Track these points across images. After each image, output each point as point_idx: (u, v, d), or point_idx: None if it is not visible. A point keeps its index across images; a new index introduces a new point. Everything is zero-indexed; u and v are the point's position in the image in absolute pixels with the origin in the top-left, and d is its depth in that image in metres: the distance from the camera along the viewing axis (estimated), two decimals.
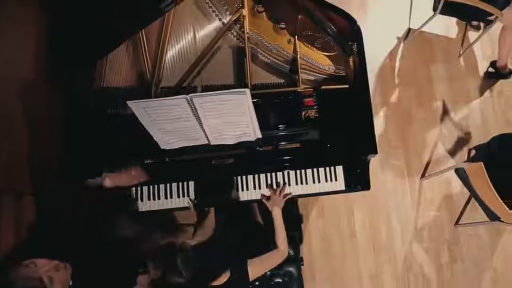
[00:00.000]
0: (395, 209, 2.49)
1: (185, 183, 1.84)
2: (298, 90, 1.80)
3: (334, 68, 1.87)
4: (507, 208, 1.91)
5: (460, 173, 2.17)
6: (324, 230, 2.47)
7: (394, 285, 2.41)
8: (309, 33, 1.91)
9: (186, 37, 1.89)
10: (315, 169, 1.84)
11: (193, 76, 1.88)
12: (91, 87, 1.80)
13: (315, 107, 1.75)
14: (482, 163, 1.87)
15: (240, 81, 1.86)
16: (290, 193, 1.80)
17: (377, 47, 2.69)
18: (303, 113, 1.77)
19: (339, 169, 1.83)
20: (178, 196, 1.87)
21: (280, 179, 1.85)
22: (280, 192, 1.76)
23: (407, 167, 2.54)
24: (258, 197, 1.85)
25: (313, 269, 2.41)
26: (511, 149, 2.12)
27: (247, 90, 1.44)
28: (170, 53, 1.87)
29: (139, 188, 1.83)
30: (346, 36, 1.84)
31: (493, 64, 2.61)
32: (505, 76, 2.61)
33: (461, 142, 2.60)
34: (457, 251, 2.45)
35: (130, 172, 1.71)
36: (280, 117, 1.76)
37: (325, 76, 1.87)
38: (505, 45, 2.41)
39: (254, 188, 1.88)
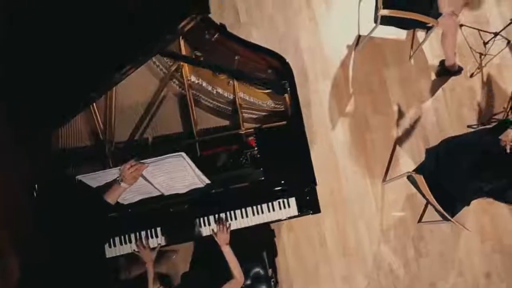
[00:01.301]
0: (360, 214, 2.67)
1: (152, 229, 2.03)
2: (240, 132, 1.96)
3: (273, 104, 2.02)
4: (448, 216, 2.08)
5: (411, 179, 2.32)
6: (296, 240, 2.66)
7: (365, 285, 2.63)
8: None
9: (132, 91, 2.03)
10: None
11: (143, 127, 2.05)
12: (50, 152, 1.98)
13: (257, 146, 1.91)
14: (422, 177, 2.03)
15: (187, 128, 2.02)
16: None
17: (329, 57, 2.80)
18: (248, 154, 1.93)
19: (291, 199, 2.01)
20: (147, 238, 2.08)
21: (238, 214, 2.04)
22: (223, 229, 1.83)
23: (369, 173, 2.70)
24: None
25: (290, 278, 2.63)
26: (457, 152, 2.26)
27: (182, 154, 1.60)
28: (119, 108, 2.02)
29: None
30: (279, 74, 1.97)
31: (442, 63, 2.70)
32: (455, 73, 2.70)
33: (419, 142, 2.73)
34: (422, 246, 2.65)
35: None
36: (226, 161, 1.93)
37: (265, 113, 2.02)
38: (448, 47, 2.50)
39: (215, 222, 2.08)
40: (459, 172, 2.10)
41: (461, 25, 2.78)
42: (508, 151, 1.86)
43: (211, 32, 1.95)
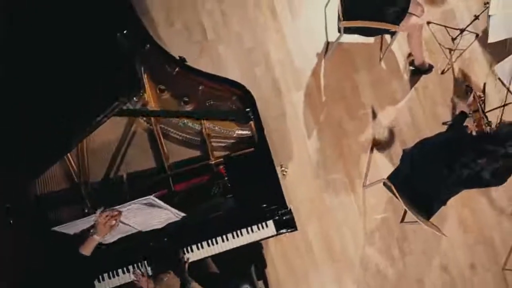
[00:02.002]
0: (344, 219, 2.75)
1: (138, 262, 2.11)
2: (210, 162, 2.02)
3: (240, 130, 2.08)
4: (421, 221, 2.16)
5: (387, 186, 2.39)
6: (283, 250, 2.75)
7: (355, 287, 2.74)
8: (212, 102, 2.08)
9: (102, 130, 2.07)
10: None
11: (117, 165, 2.11)
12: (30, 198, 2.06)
13: (227, 175, 1.98)
14: (392, 186, 2.09)
15: (159, 162, 2.09)
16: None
17: (300, 67, 2.83)
18: (220, 183, 1.99)
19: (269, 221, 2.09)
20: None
21: (219, 240, 2.11)
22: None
23: (349, 179, 2.77)
24: (206, 255, 2.13)
25: None
26: (431, 152, 2.31)
27: (151, 197, 1.67)
28: (90, 150, 2.08)
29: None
30: (243, 101, 2.02)
31: (413, 62, 2.73)
32: (426, 71, 2.74)
33: (395, 143, 2.79)
34: (406, 245, 2.74)
35: None
36: (199, 192, 2.00)
37: (234, 140, 2.08)
38: (414, 47, 2.53)
39: (198, 249, 2.17)
40: (435, 171, 2.18)
41: (428, 22, 2.80)
42: (474, 133, 2.13)
43: (172, 66, 1.99)
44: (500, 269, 2.69)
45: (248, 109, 1.95)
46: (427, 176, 2.24)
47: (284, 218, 2.07)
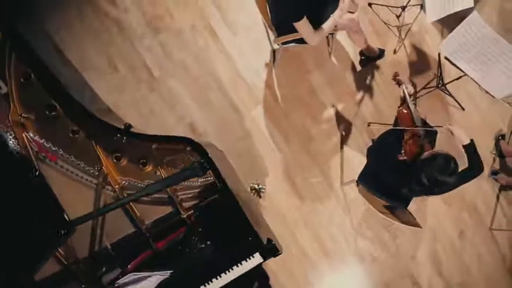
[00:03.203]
0: (330, 219, 2.90)
1: None
2: (182, 216, 2.14)
3: (202, 179, 2.17)
4: (397, 218, 2.30)
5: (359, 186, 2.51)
6: (281, 260, 2.91)
7: (357, 279, 2.94)
8: (169, 158, 2.16)
9: (74, 207, 2.17)
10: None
11: (98, 237, 2.25)
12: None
13: (200, 224, 2.11)
14: (361, 187, 2.22)
15: (136, 225, 2.21)
16: None
17: (252, 82, 2.84)
18: (196, 232, 2.13)
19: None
20: None
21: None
22: None
23: (327, 181, 2.88)
24: None
25: None
26: (383, 152, 2.41)
27: (130, 274, 1.82)
28: None
29: None
30: (197, 152, 2.10)
31: (362, 52, 2.73)
32: (378, 57, 2.75)
33: (363, 135, 2.87)
34: (394, 228, 2.90)
35: None
36: (179, 245, 2.14)
37: (199, 189, 2.18)
38: (358, 42, 2.55)
39: None
40: (390, 166, 2.30)
41: (369, 4, 2.77)
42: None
43: (120, 137, 2.06)
44: (487, 230, 2.87)
45: (202, 160, 2.04)
46: (388, 170, 2.35)
47: (268, 247, 2.22)
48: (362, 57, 2.76)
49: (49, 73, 2.12)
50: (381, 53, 2.74)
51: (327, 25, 2.15)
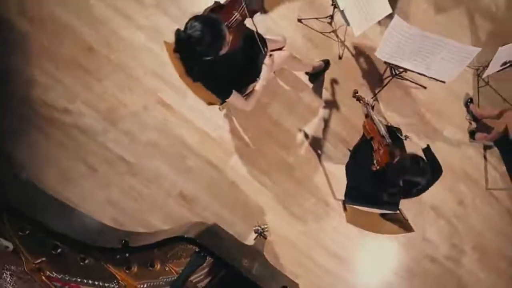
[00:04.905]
0: (336, 232, 3.07)
1: None
2: None
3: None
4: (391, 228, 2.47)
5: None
6: (309, 282, 3.14)
7: (381, 274, 3.13)
8: (170, 253, 2.34)
9: None
10: None
11: None
12: None
13: None
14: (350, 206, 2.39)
15: None
16: None
17: (218, 135, 2.96)
18: None
19: None
20: None
21: None
22: None
23: (320, 200, 3.03)
24: None
25: None
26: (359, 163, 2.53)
27: None
28: None
29: None
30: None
31: (308, 72, 2.78)
32: (324, 69, 2.81)
33: (339, 147, 2.98)
34: None
35: None
36: None
37: (208, 268, 2.41)
38: (300, 69, 2.59)
39: None
40: (366, 178, 2.43)
41: (299, 20, 2.79)
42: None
43: (122, 256, 2.30)
44: (485, 191, 2.96)
45: (198, 250, 2.25)
46: (368, 181, 2.47)
47: None
48: (310, 75, 2.82)
49: (39, 221, 2.37)
50: (326, 65, 2.78)
51: (259, 86, 2.22)
